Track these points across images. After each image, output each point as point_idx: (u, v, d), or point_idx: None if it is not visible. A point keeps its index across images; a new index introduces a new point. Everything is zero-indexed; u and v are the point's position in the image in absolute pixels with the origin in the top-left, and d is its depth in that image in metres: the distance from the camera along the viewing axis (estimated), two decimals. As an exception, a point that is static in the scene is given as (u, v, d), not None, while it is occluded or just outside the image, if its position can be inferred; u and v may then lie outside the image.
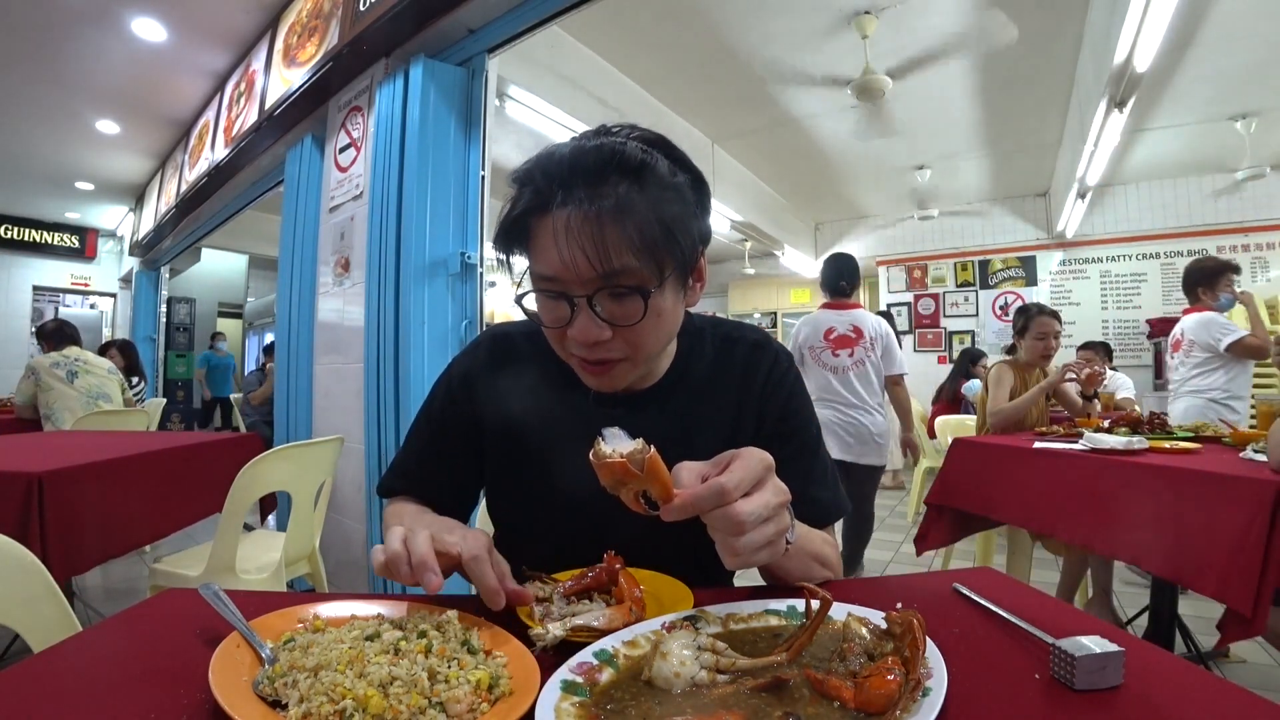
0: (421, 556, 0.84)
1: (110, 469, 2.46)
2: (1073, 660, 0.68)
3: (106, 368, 5.35)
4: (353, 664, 0.68)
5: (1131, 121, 5.73)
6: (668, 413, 1.22)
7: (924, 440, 6.59)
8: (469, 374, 1.31)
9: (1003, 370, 4.05)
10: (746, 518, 0.78)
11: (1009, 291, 9.88)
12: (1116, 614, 3.52)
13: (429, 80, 3.56)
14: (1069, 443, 2.90)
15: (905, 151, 8.00)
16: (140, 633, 0.87)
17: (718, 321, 1.35)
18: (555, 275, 1.01)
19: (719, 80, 6.03)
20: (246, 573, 2.74)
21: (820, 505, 1.20)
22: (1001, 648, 0.79)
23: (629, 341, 1.06)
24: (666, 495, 0.79)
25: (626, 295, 1.01)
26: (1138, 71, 4.01)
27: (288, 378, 4.59)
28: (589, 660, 0.74)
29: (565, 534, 1.20)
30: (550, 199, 1.00)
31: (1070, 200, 7.65)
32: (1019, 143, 7.66)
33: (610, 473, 0.79)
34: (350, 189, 4.13)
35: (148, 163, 8.48)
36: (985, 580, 1.02)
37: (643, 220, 0.99)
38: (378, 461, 3.57)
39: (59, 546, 2.09)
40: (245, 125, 5.36)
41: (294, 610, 0.86)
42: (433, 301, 3.53)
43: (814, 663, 0.74)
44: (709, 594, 0.96)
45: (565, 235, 0.98)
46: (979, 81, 6.01)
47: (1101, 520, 2.43)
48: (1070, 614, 0.92)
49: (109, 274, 12.07)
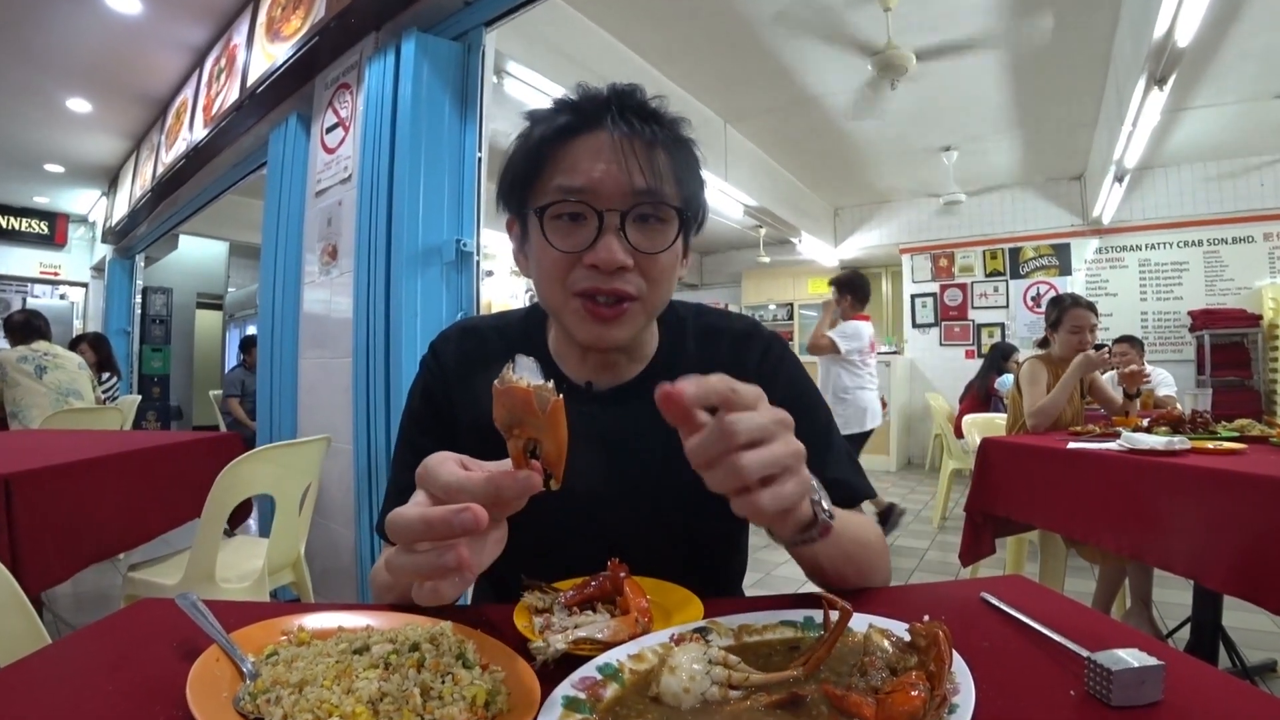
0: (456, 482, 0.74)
1: (81, 471, 2.45)
2: (1109, 675, 0.67)
3: (77, 362, 5.37)
4: (340, 679, 0.68)
5: (1172, 100, 5.69)
6: (652, 407, 1.16)
7: (951, 440, 6.60)
8: (430, 389, 1.28)
9: (1036, 366, 4.04)
10: (716, 426, 0.75)
11: (1041, 281, 9.88)
12: (1156, 625, 3.52)
13: (422, 55, 3.55)
14: (1105, 443, 2.89)
15: (930, 132, 7.97)
16: (113, 646, 0.86)
17: (701, 310, 1.34)
18: (591, 187, 1.05)
19: (731, 56, 6.02)
20: (227, 581, 2.74)
21: (842, 486, 1.17)
22: (1033, 661, 0.79)
23: (647, 275, 1.10)
24: (559, 454, 0.75)
25: (657, 222, 1.09)
26: (1179, 46, 3.99)
27: (271, 373, 4.59)
28: (592, 675, 0.74)
29: (564, 540, 1.16)
30: (597, 119, 1.08)
31: (1107, 184, 7.63)
32: (1052, 122, 7.63)
33: (507, 403, 0.73)
34: (338, 171, 4.13)
35: (121, 143, 8.48)
36: (1016, 589, 1.02)
37: (685, 158, 1.13)
38: (366, 462, 3.58)
39: (32, 555, 2.09)
40: (226, 104, 5.36)
41: (277, 621, 0.87)
42: (426, 291, 3.53)
43: (833, 677, 0.73)
44: (720, 604, 0.95)
45: (612, 147, 1.06)
46: (1009, 57, 5.99)
47: (1144, 527, 2.42)
48: (1107, 625, 0.92)
49: (80, 262, 12.06)
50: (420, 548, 0.71)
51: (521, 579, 1.01)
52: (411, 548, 0.71)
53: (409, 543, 0.71)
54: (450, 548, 0.69)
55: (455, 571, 0.70)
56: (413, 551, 0.71)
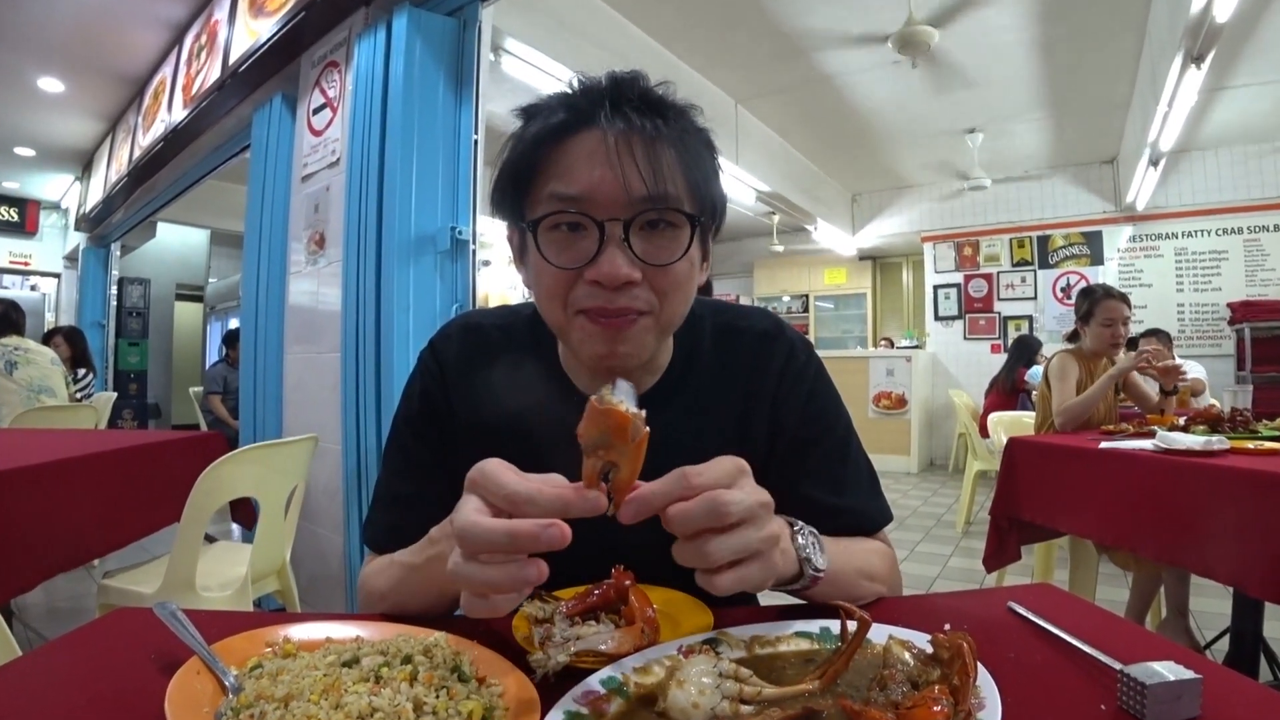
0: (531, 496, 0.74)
1: (53, 472, 2.44)
2: (1144, 689, 0.67)
3: (50, 358, 5.38)
4: (328, 693, 0.68)
5: (1210, 79, 5.67)
6: (668, 420, 1.12)
7: (976, 440, 6.59)
8: (428, 390, 1.26)
9: (1066, 361, 4.03)
10: (710, 506, 0.75)
11: (1071, 271, 9.85)
12: (1193, 636, 3.51)
13: (415, 31, 3.55)
14: (1139, 442, 2.88)
15: (954, 113, 7.93)
16: (87, 658, 0.87)
17: (719, 307, 1.31)
18: (588, 195, 1.00)
19: (742, 31, 5.99)
20: (208, 590, 2.74)
21: (855, 515, 1.17)
22: (1062, 675, 0.79)
23: (658, 289, 1.04)
24: (630, 484, 0.76)
25: (667, 228, 1.03)
26: (1218, 22, 3.97)
27: (255, 369, 4.60)
28: (596, 689, 0.74)
29: (569, 551, 1.14)
30: (593, 115, 1.02)
31: (1141, 168, 7.59)
32: (1083, 102, 7.59)
33: (602, 424, 0.74)
34: (325, 155, 4.13)
35: (96, 126, 8.49)
36: (1045, 598, 1.01)
37: (696, 153, 1.06)
38: (356, 463, 3.58)
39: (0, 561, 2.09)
40: (207, 83, 5.35)
41: (261, 632, 0.87)
42: (419, 282, 3.53)
43: (850, 691, 0.73)
44: (731, 613, 0.95)
45: (611, 148, 1.00)
46: (1037, 32, 5.96)
47: (1181, 532, 2.41)
48: (1141, 636, 0.92)
49: (52, 251, 12.09)
50: (491, 558, 0.71)
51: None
52: (477, 557, 0.71)
53: (482, 552, 0.71)
54: (533, 562, 0.71)
55: (532, 585, 0.71)
56: (477, 561, 0.71)
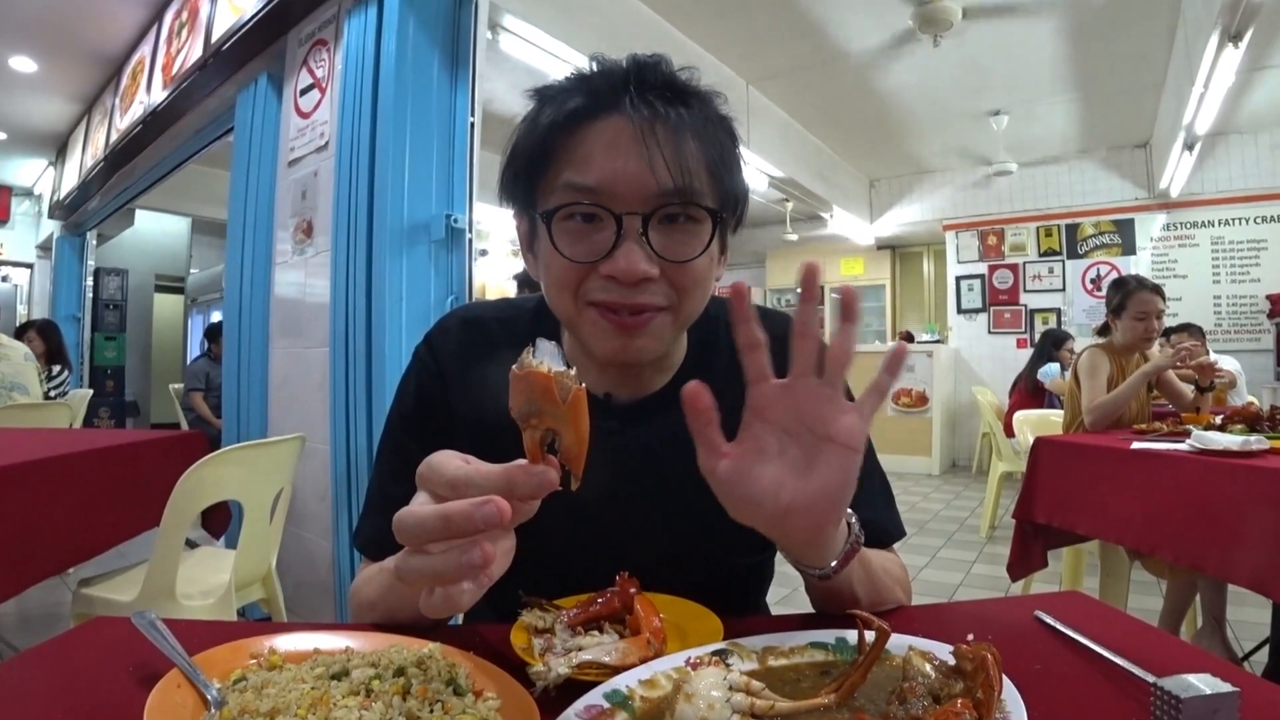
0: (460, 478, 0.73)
1: (26, 475, 2.43)
2: (1178, 703, 0.66)
3: (23, 353, 5.38)
4: (315, 708, 0.68)
5: (1248, 59, 5.64)
6: (680, 419, 1.04)
7: (1000, 440, 6.58)
8: (424, 387, 1.25)
9: (1097, 356, 4.02)
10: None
11: (1102, 262, 9.84)
12: (1230, 647, 3.50)
13: (408, 8, 3.55)
14: (1174, 442, 2.88)
15: (978, 94, 7.93)
16: (62, 669, 0.87)
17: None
18: (606, 186, 1.00)
19: (754, 8, 5.99)
20: (189, 598, 2.74)
21: (869, 527, 1.14)
22: (1093, 687, 0.79)
23: (677, 285, 1.05)
24: (579, 449, 0.75)
25: (687, 222, 1.03)
26: (1255, -1, 3.97)
27: (238, 365, 4.61)
28: (599, 703, 0.74)
29: (569, 552, 1.13)
30: (613, 101, 1.01)
31: (1175, 152, 7.56)
32: (1114, 83, 7.57)
33: (525, 390, 0.73)
34: (313, 138, 4.13)
35: (71, 107, 8.51)
36: (1073, 606, 1.01)
37: (721, 144, 1.05)
38: (345, 464, 3.59)
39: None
40: (188, 62, 5.36)
41: (246, 643, 0.86)
42: (412, 273, 3.54)
43: (868, 705, 0.73)
44: (742, 623, 0.95)
45: (631, 136, 0.99)
46: (1067, 9, 5.95)
47: (1217, 537, 2.40)
48: (1175, 647, 0.92)
49: (24, 240, 12.09)
50: (435, 548, 0.70)
51: (520, 595, 1.00)
52: (423, 549, 0.70)
53: (422, 543, 0.70)
54: (473, 544, 0.69)
55: (479, 571, 0.69)
56: (425, 553, 0.70)
